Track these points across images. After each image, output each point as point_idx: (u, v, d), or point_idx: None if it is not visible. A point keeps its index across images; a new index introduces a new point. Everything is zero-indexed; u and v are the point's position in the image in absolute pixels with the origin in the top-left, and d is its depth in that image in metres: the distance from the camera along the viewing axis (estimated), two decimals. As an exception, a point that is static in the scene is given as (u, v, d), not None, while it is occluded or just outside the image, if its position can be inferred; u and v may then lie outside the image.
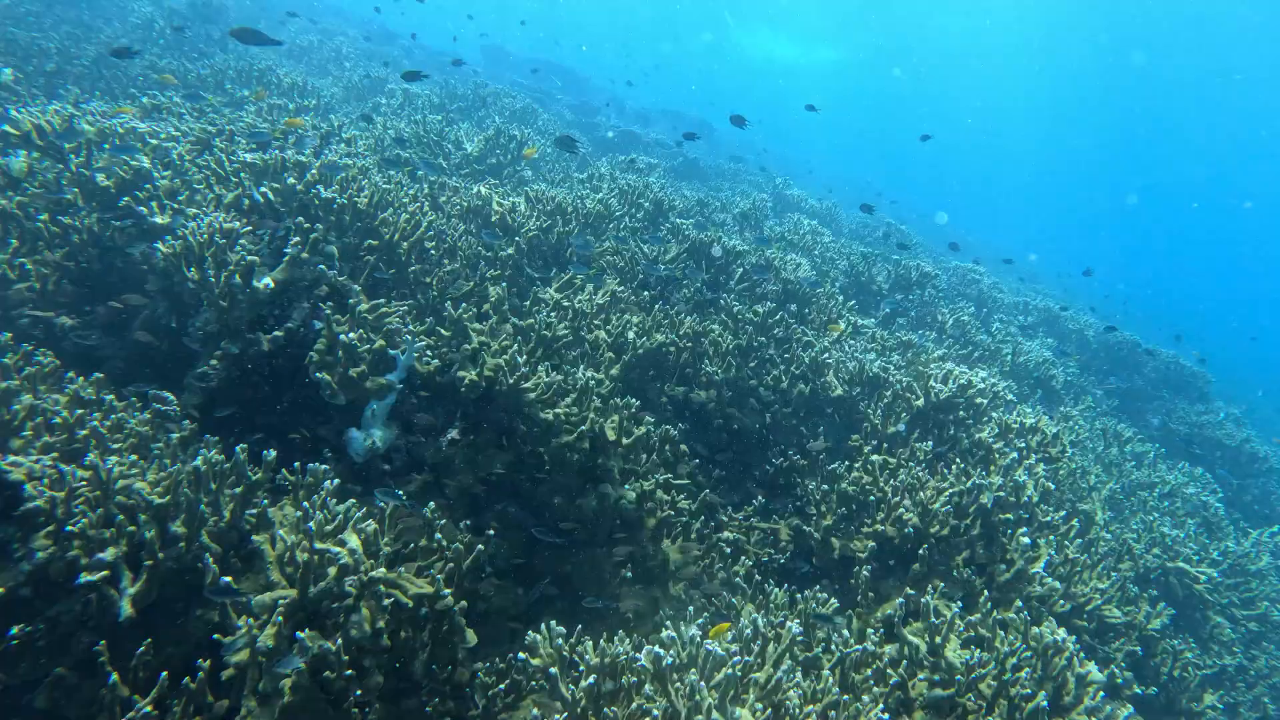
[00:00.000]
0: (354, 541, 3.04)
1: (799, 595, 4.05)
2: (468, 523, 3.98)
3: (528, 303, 4.80)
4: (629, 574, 4.10)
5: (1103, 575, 5.50)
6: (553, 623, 3.19)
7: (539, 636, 3.17)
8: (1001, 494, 4.10)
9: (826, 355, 5.10)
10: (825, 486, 4.60)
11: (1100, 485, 7.15)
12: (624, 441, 4.17)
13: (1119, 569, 6.43)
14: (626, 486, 4.28)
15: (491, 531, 4.03)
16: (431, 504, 3.64)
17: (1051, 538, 4.15)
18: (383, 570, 3.10)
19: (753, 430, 5.27)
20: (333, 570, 2.95)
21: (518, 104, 11.67)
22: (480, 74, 18.07)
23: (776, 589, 4.15)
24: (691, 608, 3.45)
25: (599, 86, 22.55)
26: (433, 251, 5.24)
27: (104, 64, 7.86)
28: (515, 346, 4.25)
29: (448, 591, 3.31)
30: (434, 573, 3.47)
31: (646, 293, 5.67)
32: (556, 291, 5.54)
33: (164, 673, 2.63)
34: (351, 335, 3.85)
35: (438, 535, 3.50)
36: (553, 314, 5.21)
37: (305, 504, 3.22)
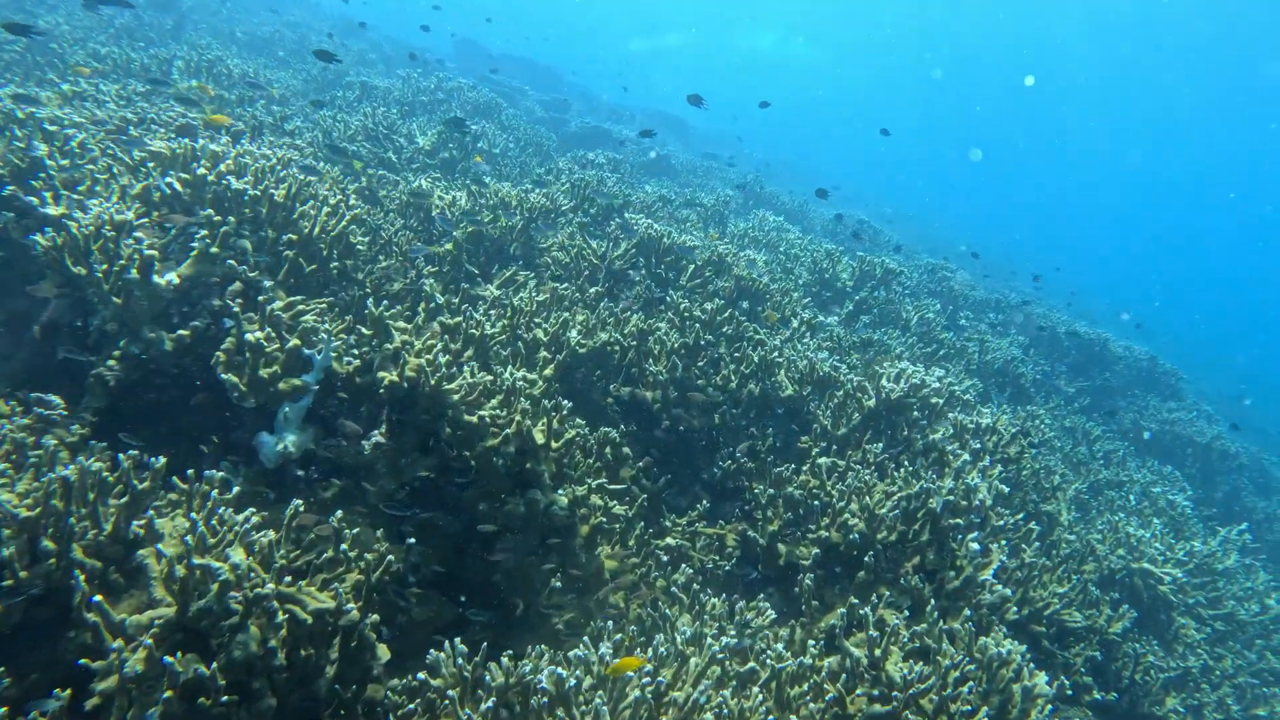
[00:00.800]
0: (238, 555, 2.81)
1: (738, 606, 3.85)
2: (382, 532, 3.75)
3: (455, 300, 4.57)
4: (558, 584, 3.88)
5: (1064, 578, 5.35)
6: (456, 641, 2.97)
7: (442, 655, 2.95)
8: (952, 498, 3.91)
9: (776, 354, 4.90)
10: (771, 491, 4.40)
11: (1066, 485, 7.00)
12: (554, 445, 3.95)
13: (1083, 570, 6.29)
14: (560, 492, 4.06)
15: (412, 540, 3.80)
16: (339, 512, 3.41)
17: (1003, 542, 3.97)
18: (272, 585, 2.86)
19: (701, 432, 5.07)
20: (215, 586, 2.72)
21: (480, 98, 11.41)
22: (450, 68, 17.79)
23: (715, 599, 3.95)
24: (610, 624, 3.24)
25: (574, 83, 22.30)
26: (361, 247, 5.00)
27: (38, 51, 7.54)
28: (439, 346, 4.03)
29: (351, 606, 3.08)
30: (340, 586, 3.24)
31: (594, 289, 5.45)
32: (497, 289, 5.32)
33: (2, 709, 2.38)
34: (258, 334, 3.61)
35: (344, 546, 3.27)
36: (492, 311, 4.99)
37: (195, 514, 2.98)
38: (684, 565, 4.33)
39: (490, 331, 4.28)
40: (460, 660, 2.84)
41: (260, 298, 3.80)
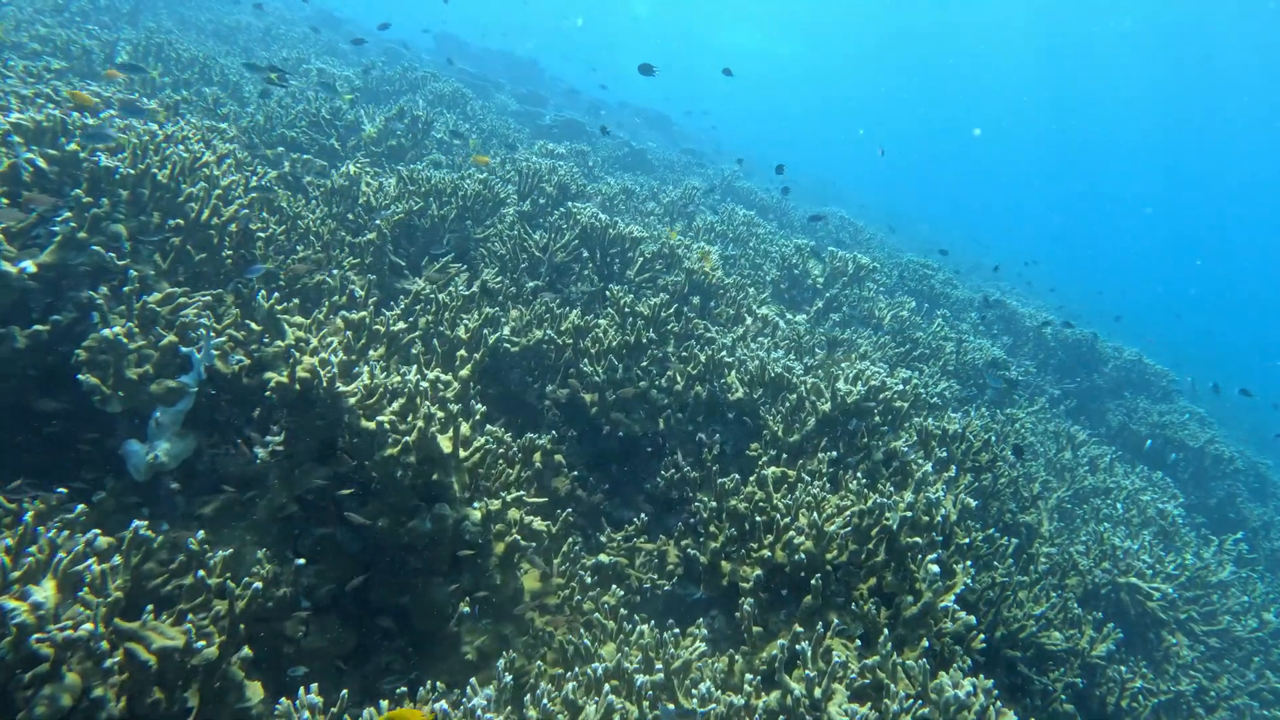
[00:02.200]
0: (43, 592, 2.37)
1: (668, 634, 3.42)
2: (265, 552, 3.31)
3: (363, 293, 4.14)
4: (466, 609, 3.44)
5: (1042, 596, 4.93)
6: (313, 690, 2.53)
7: (290, 707, 2.51)
8: (911, 514, 3.49)
9: (726, 354, 4.48)
10: (713, 504, 3.98)
11: (1048, 493, 6.59)
12: (463, 454, 3.52)
13: (1066, 584, 5.88)
14: (475, 505, 3.62)
15: (301, 560, 3.37)
16: (200, 533, 2.97)
17: (969, 563, 3.55)
18: (94, 626, 2.42)
19: (644, 437, 4.64)
20: (11, 630, 2.28)
21: (447, 89, 10.97)
22: (426, 61, 17.35)
23: (644, 626, 3.52)
24: (501, 663, 2.81)
25: (557, 78, 21.87)
26: (281, 237, 4.57)
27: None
28: (339, 344, 3.60)
29: (201, 644, 2.65)
30: (202, 617, 2.81)
31: (532, 283, 5.02)
32: (426, 282, 4.88)
33: None
34: (117, 330, 3.17)
35: (201, 573, 2.83)
36: (418, 306, 4.56)
37: (9, 541, 2.54)
38: (616, 586, 3.90)
39: (398, 328, 3.85)
40: (307, 714, 2.41)
41: (127, 289, 3.35)
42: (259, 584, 2.90)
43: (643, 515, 4.27)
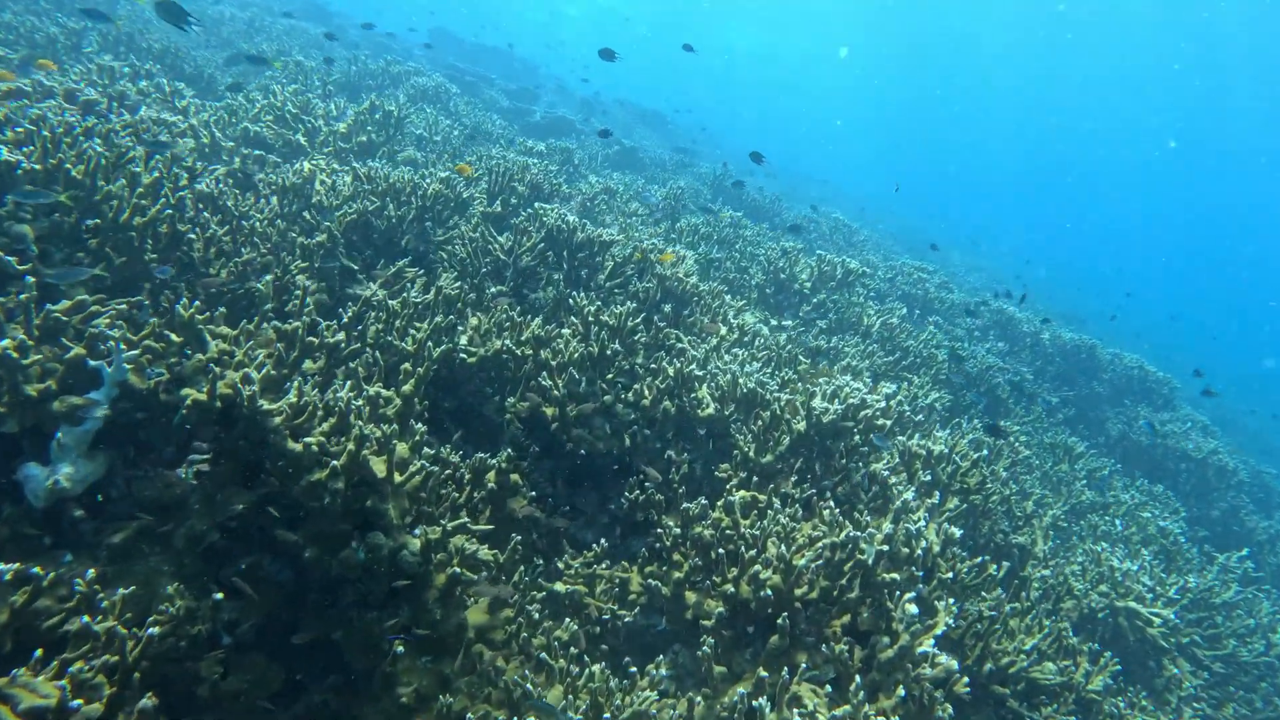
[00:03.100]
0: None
1: (616, 683, 3.12)
2: (178, 587, 3.01)
3: (294, 302, 3.84)
4: (400, 648, 3.14)
5: (1035, 626, 4.63)
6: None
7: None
8: (888, 547, 3.19)
9: (696, 367, 4.18)
10: (677, 530, 3.68)
11: (1043, 511, 6.29)
12: (399, 478, 3.22)
13: (1061, 608, 5.59)
14: (415, 533, 3.32)
15: (219, 595, 3.07)
16: (91, 572, 2.68)
17: (951, 601, 3.24)
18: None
19: (609, 455, 4.35)
20: None
21: (430, 84, 10.67)
22: (418, 56, 17.04)
23: (595, 667, 3.22)
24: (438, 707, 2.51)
25: (550, 74, 21.56)
26: (226, 238, 4.27)
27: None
28: (266, 357, 3.30)
29: (79, 703, 2.35)
30: (82, 668, 2.52)
31: (494, 289, 4.73)
32: (381, 287, 4.58)
33: None
34: (7, 343, 2.87)
35: (84, 618, 2.53)
36: (371, 312, 4.26)
37: None
38: (570, 619, 3.60)
39: (335, 340, 3.55)
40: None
41: (23, 295, 3.05)
42: (157, 629, 2.61)
43: (603, 541, 3.97)
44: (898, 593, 3.19)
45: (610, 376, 4.30)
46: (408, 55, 16.85)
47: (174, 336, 3.30)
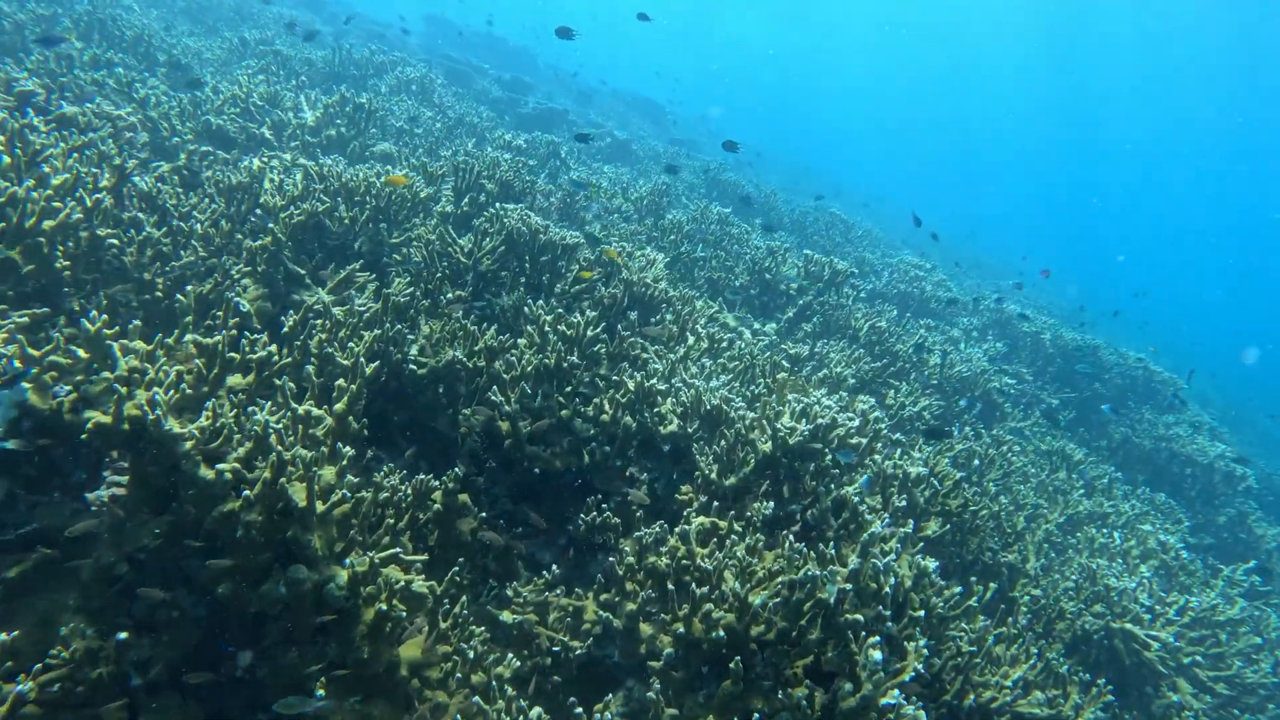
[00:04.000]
0: None
1: (569, 716, 2.89)
2: (74, 625, 2.78)
3: (214, 313, 3.59)
4: (321, 691, 2.90)
5: (1020, 655, 4.36)
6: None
7: None
8: (851, 586, 2.93)
9: (659, 380, 3.92)
10: (632, 559, 3.43)
11: (1036, 524, 6.01)
12: (321, 506, 2.97)
13: (1055, 630, 5.32)
14: (349, 561, 3.08)
15: (123, 635, 2.84)
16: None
17: (922, 643, 2.98)
18: None
19: (568, 472, 4.10)
20: None
21: (415, 75, 10.39)
22: (412, 45, 16.74)
23: (537, 709, 2.98)
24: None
25: (549, 64, 21.20)
26: (165, 240, 4.03)
27: None
28: (175, 374, 3.05)
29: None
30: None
31: (451, 295, 4.47)
32: (329, 294, 4.34)
33: None
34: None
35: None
36: (317, 320, 4.00)
37: None
38: (513, 655, 3.36)
39: (263, 354, 3.30)
40: None
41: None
42: (30, 685, 2.38)
43: (555, 568, 3.73)
44: (863, 634, 2.93)
45: (569, 390, 4.04)
46: (401, 44, 16.57)
47: (81, 352, 3.05)
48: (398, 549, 3.17)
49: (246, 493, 2.81)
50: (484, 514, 3.94)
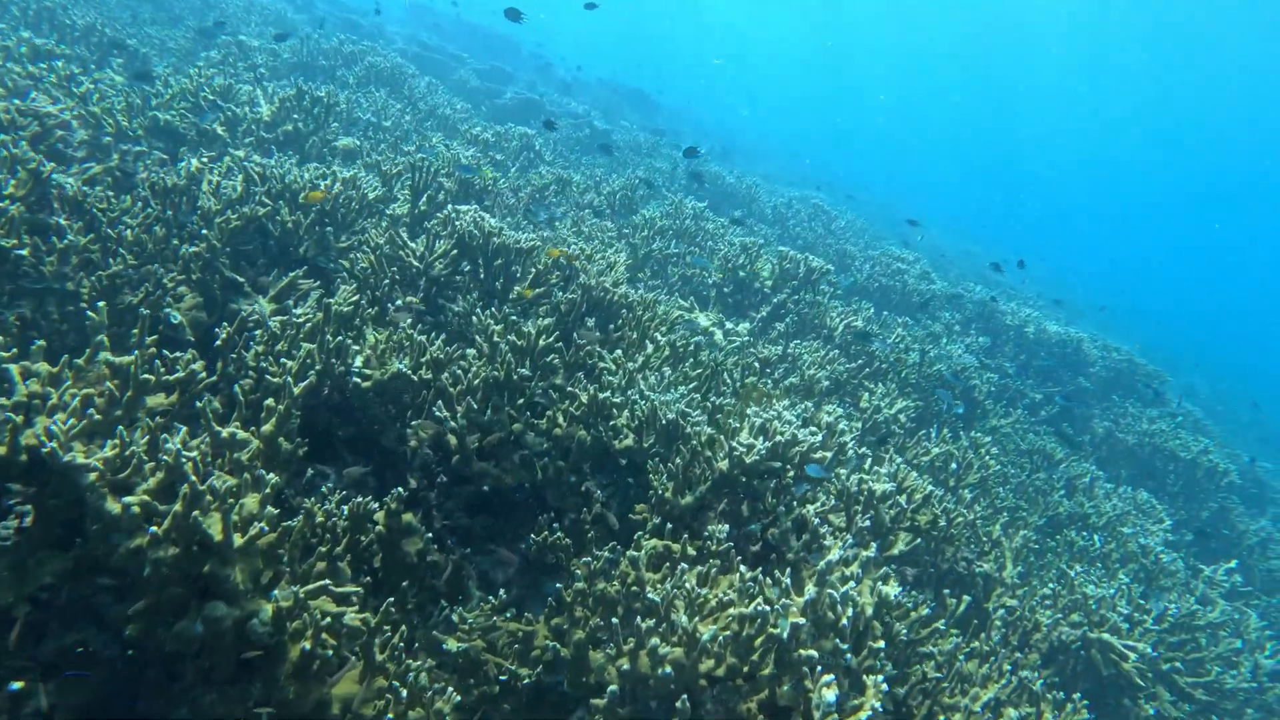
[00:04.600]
0: None
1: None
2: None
3: (173, 320, 3.38)
4: (245, 739, 2.73)
5: (994, 673, 4.23)
6: None
7: None
8: (804, 620, 2.76)
9: (613, 393, 3.73)
10: (581, 584, 3.26)
11: (1015, 529, 5.88)
12: (240, 540, 2.78)
13: (1032, 641, 5.19)
14: (270, 596, 2.90)
15: (17, 685, 2.65)
16: None
17: (880, 679, 2.82)
18: None
19: (521, 488, 3.92)
20: None
21: (387, 64, 10.11)
22: (390, 33, 16.37)
23: (474, 755, 2.82)
24: None
25: (533, 53, 20.85)
26: (94, 248, 3.81)
27: None
28: (81, 400, 2.85)
29: None
30: None
31: (400, 302, 4.27)
32: (270, 302, 4.12)
33: None
34: None
35: None
36: (258, 331, 3.80)
37: None
38: (454, 689, 3.18)
39: (185, 372, 3.09)
40: None
41: None
42: None
43: (501, 592, 3.55)
44: (819, 668, 2.76)
45: (521, 402, 3.85)
46: (378, 34, 16.20)
47: (-19, 375, 2.85)
48: (327, 580, 2.98)
49: (154, 528, 2.61)
50: (438, 527, 3.77)
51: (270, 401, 3.18)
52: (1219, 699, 5.84)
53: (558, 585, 3.50)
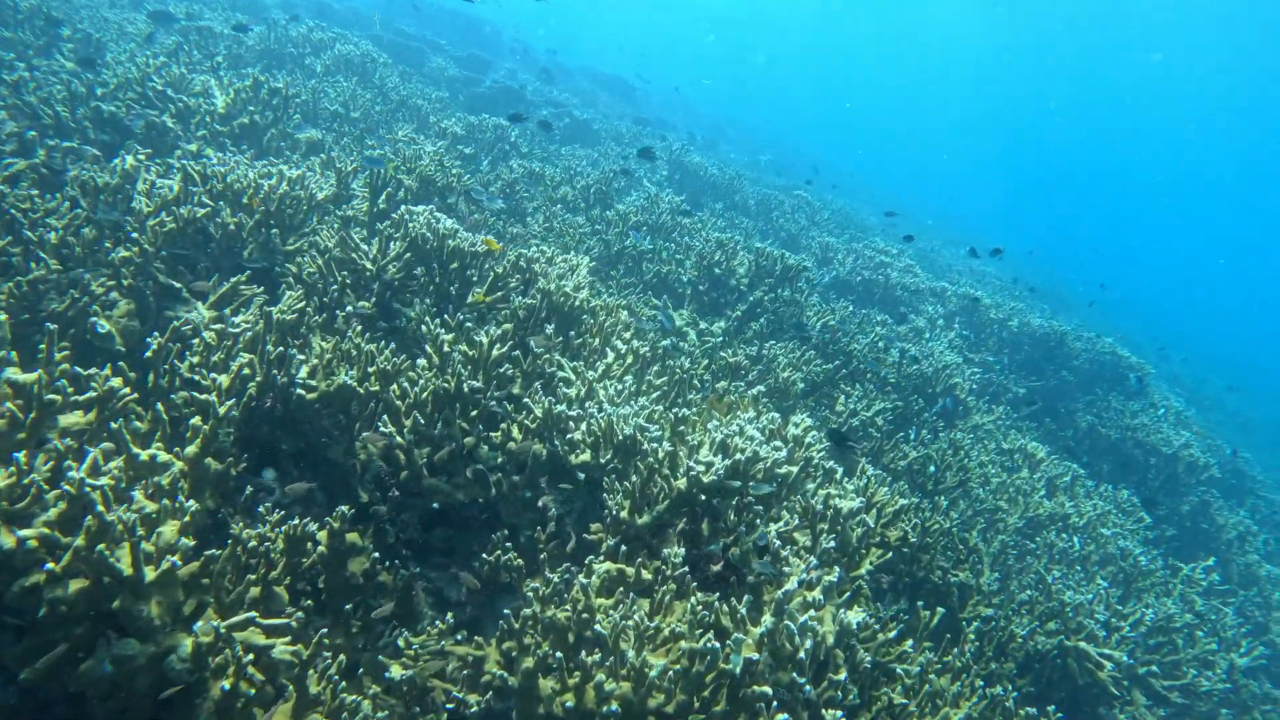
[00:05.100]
0: None
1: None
2: None
3: (99, 330, 3.17)
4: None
5: (966, 689, 4.10)
6: None
7: None
8: (758, 655, 2.61)
9: (568, 406, 3.56)
10: (528, 610, 3.09)
11: (991, 535, 5.76)
12: (152, 573, 2.59)
13: (1008, 650, 5.07)
14: (193, 629, 2.72)
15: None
16: None
17: (840, 714, 2.68)
18: None
19: (474, 503, 3.75)
20: None
21: (356, 52, 9.81)
22: (362, 16, 15.99)
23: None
24: None
25: (515, 39, 20.48)
26: (15, 251, 3.59)
27: None
28: (-12, 420, 2.64)
29: None
30: None
31: (350, 307, 4.06)
32: (210, 309, 3.91)
33: None
34: None
35: None
36: (195, 340, 3.59)
37: None
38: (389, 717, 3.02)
39: (102, 390, 2.89)
40: None
41: None
42: None
43: (449, 616, 3.38)
44: (774, 704, 2.61)
45: (474, 414, 3.67)
46: (352, 20, 15.81)
47: None
48: (253, 613, 2.80)
49: (50, 565, 2.42)
50: (392, 542, 3.60)
51: (196, 420, 2.98)
52: (1194, 701, 5.77)
53: (509, 609, 3.34)
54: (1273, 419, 20.90)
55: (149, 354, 3.49)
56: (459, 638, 3.47)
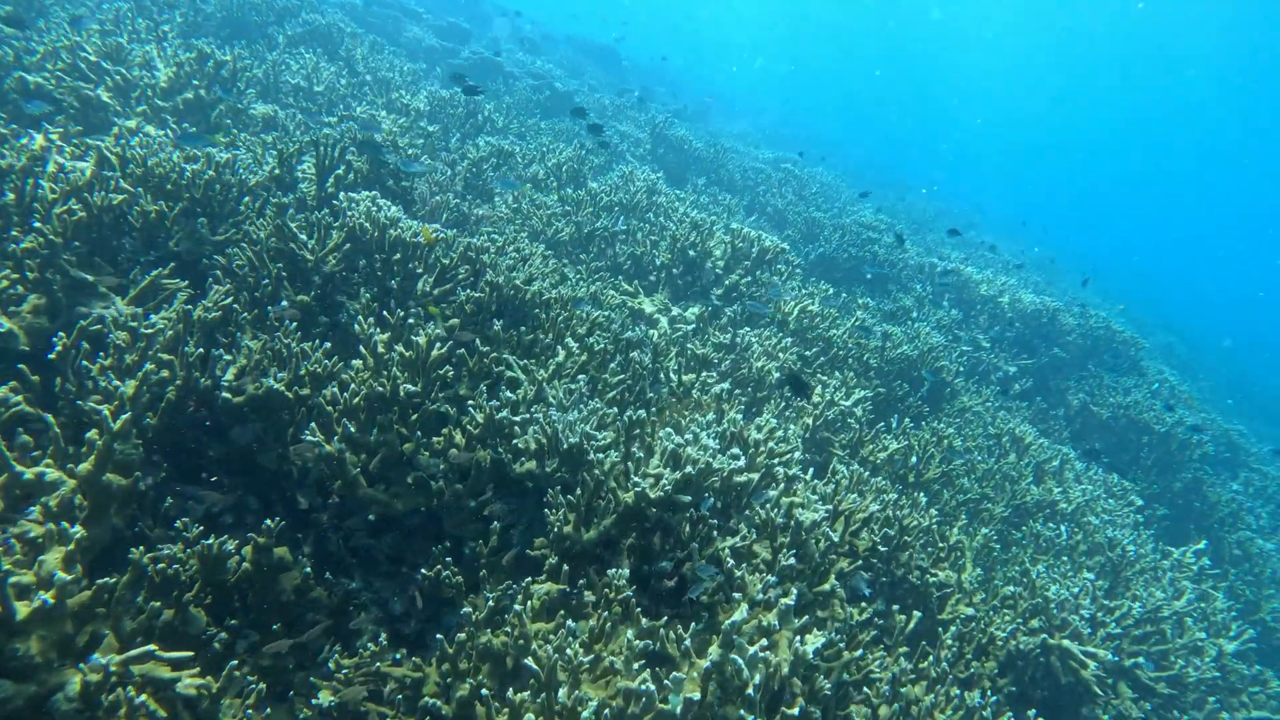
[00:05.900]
0: None
1: None
2: None
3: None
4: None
5: (941, 699, 3.90)
6: None
7: None
8: (699, 695, 2.39)
9: (509, 411, 3.30)
10: (462, 634, 2.87)
11: (975, 529, 5.55)
12: (24, 610, 2.36)
13: (990, 650, 4.89)
14: (83, 665, 2.49)
15: None
16: None
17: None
18: None
19: (414, 512, 3.51)
20: None
21: (321, 21, 9.38)
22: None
23: None
24: None
25: (503, 7, 19.84)
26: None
27: None
28: None
29: None
30: None
31: (283, 304, 3.78)
32: (129, 305, 3.64)
33: None
34: None
35: None
36: (110, 344, 3.32)
37: None
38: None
39: (-16, 405, 2.63)
40: None
41: None
42: None
43: (382, 637, 3.16)
44: (722, 744, 2.40)
45: (415, 418, 3.41)
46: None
47: None
48: (152, 646, 2.57)
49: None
50: (334, 550, 3.38)
51: (93, 434, 2.73)
52: (1182, 691, 5.61)
53: (446, 629, 3.12)
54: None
55: (52, 355, 3.22)
56: (398, 656, 3.26)
